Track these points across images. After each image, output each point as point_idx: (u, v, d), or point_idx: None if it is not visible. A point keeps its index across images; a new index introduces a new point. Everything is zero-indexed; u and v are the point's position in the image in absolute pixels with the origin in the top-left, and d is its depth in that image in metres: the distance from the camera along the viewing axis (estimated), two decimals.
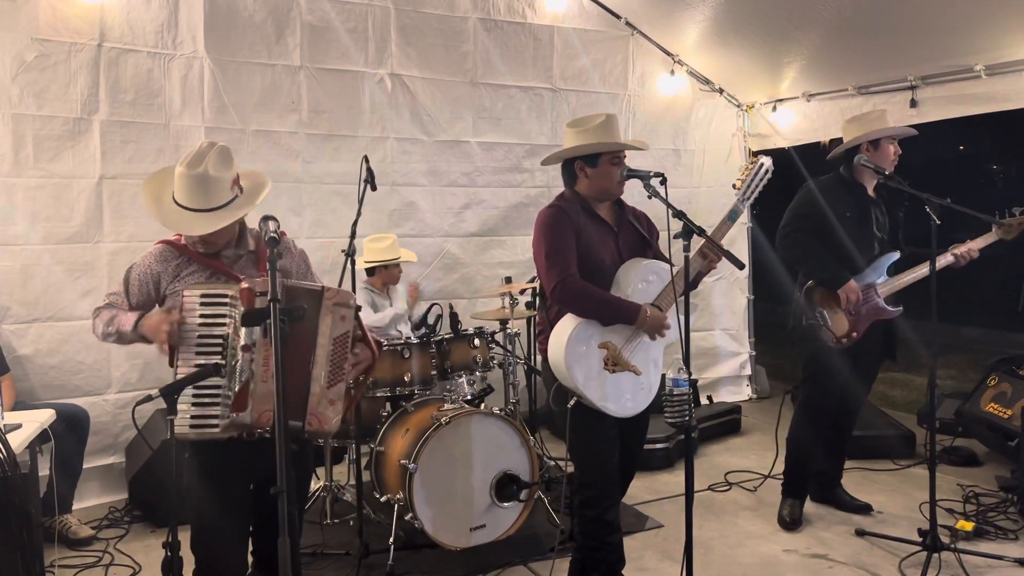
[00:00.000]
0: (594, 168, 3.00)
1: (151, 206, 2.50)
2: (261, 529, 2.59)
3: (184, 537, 2.31)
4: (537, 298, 3.20)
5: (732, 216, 2.93)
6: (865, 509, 4.09)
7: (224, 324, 2.33)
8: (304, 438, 2.49)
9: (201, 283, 2.46)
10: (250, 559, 2.65)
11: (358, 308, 2.53)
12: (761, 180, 2.94)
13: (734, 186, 2.96)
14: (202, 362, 2.31)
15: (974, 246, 3.70)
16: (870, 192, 3.88)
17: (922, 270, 3.70)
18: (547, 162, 3.30)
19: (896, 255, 3.84)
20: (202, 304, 2.35)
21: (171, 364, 2.39)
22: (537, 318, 3.17)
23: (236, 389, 2.29)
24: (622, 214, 3.12)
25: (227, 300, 2.35)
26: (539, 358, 5.06)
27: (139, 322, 2.44)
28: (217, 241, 2.49)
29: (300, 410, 2.38)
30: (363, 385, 2.68)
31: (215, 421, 2.31)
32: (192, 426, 2.31)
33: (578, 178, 3.06)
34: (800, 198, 3.93)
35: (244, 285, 2.33)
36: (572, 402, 2.88)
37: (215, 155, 2.42)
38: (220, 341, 2.33)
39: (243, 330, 2.30)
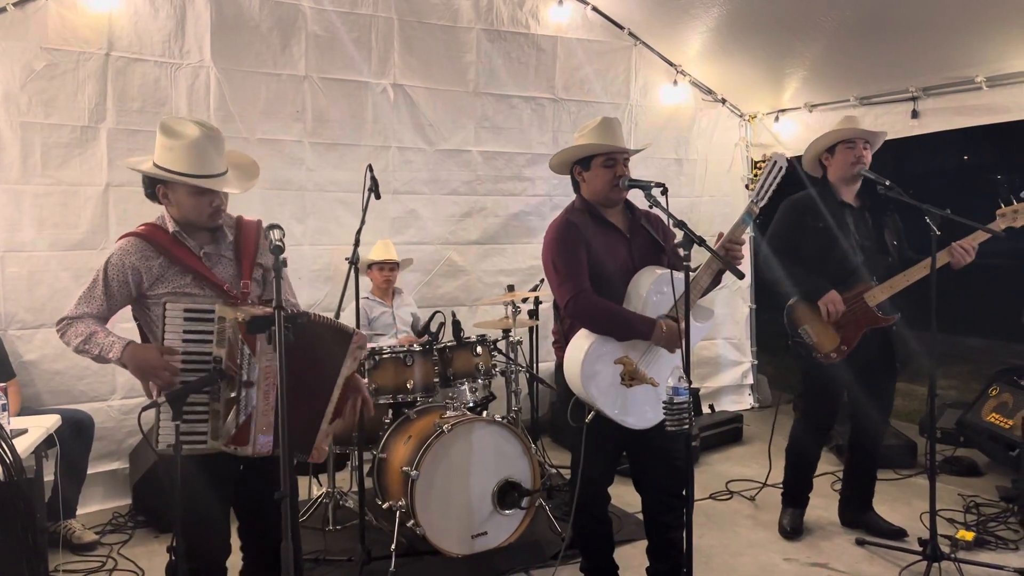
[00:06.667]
0: (588, 171, 3.01)
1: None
2: (249, 528, 2.61)
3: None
4: (553, 309, 3.19)
5: (746, 218, 2.89)
6: (899, 534, 3.89)
7: (209, 340, 2.30)
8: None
9: (183, 291, 2.39)
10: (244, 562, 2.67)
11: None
12: (775, 178, 2.83)
13: (747, 187, 2.94)
14: (189, 379, 2.28)
15: (969, 241, 3.47)
16: (850, 200, 3.78)
17: (915, 274, 3.56)
18: (553, 168, 3.27)
19: (887, 259, 3.72)
20: (186, 320, 2.29)
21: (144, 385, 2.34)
22: (552, 327, 3.17)
23: (239, 422, 2.29)
24: (634, 219, 3.10)
25: (212, 317, 2.30)
26: (541, 366, 5.11)
27: (126, 351, 2.31)
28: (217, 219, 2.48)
29: (307, 443, 2.42)
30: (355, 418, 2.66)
31: (203, 438, 2.30)
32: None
33: (579, 183, 3.08)
34: (774, 219, 3.88)
35: (240, 317, 2.28)
36: (590, 417, 2.87)
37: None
38: (208, 358, 2.29)
39: (246, 365, 2.29)
